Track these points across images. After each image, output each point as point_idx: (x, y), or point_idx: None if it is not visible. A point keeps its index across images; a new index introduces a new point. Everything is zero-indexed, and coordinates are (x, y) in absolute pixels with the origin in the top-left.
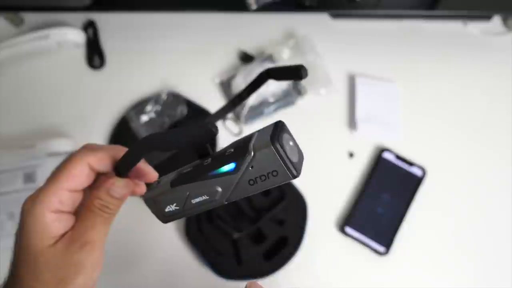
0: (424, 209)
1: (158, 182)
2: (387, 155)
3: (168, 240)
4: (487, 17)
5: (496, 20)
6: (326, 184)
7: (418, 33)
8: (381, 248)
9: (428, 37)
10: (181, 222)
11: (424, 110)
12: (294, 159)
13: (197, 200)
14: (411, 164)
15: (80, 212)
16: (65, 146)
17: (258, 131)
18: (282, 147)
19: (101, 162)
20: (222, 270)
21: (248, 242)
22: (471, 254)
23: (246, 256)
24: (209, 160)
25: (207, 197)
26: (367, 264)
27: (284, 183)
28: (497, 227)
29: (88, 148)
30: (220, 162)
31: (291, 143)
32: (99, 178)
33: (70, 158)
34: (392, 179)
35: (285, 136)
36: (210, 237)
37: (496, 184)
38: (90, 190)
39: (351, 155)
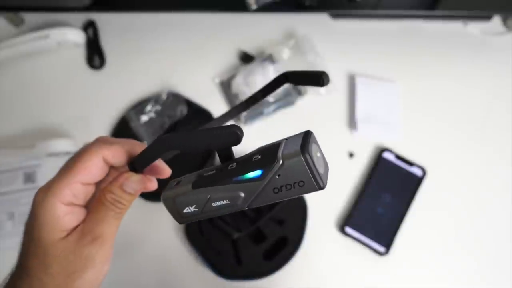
0: (424, 209)
1: (177, 182)
2: (387, 155)
3: (168, 240)
4: (487, 17)
5: (496, 20)
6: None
7: (418, 33)
8: (381, 248)
9: (428, 37)
10: None
11: (424, 110)
12: (321, 170)
13: (218, 203)
14: (411, 164)
15: (92, 206)
16: (65, 146)
17: (286, 139)
18: (311, 157)
19: (116, 155)
20: (222, 270)
21: (248, 242)
22: (471, 254)
23: (246, 256)
24: (234, 164)
25: (229, 202)
26: (367, 264)
27: (307, 193)
28: (497, 227)
29: (103, 141)
30: (246, 167)
31: (318, 154)
32: (111, 172)
33: (84, 151)
34: (392, 179)
35: (314, 146)
36: (210, 237)
37: (496, 184)
38: (102, 184)
39: (351, 155)
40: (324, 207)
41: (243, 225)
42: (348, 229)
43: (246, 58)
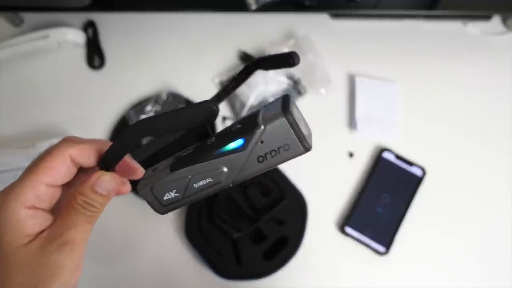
0: (424, 209)
1: (154, 169)
2: (387, 155)
3: (167, 240)
4: (487, 17)
5: (496, 20)
6: (326, 184)
7: (418, 33)
8: (381, 248)
9: (428, 37)
10: (181, 221)
11: (424, 110)
12: (305, 132)
13: (200, 183)
14: (411, 164)
15: (61, 210)
16: None
17: (264, 106)
18: (293, 118)
19: (84, 154)
20: (222, 270)
21: (248, 242)
22: (471, 253)
23: (246, 256)
24: (213, 139)
25: (211, 180)
26: (367, 264)
27: (294, 158)
28: (497, 226)
29: (70, 140)
30: (226, 139)
31: (300, 116)
32: (80, 174)
33: (49, 150)
34: (392, 179)
35: (295, 108)
36: (210, 237)
37: (496, 184)
38: (71, 186)
39: (351, 155)
40: (324, 207)
41: (243, 225)
42: (348, 229)
43: (246, 58)
